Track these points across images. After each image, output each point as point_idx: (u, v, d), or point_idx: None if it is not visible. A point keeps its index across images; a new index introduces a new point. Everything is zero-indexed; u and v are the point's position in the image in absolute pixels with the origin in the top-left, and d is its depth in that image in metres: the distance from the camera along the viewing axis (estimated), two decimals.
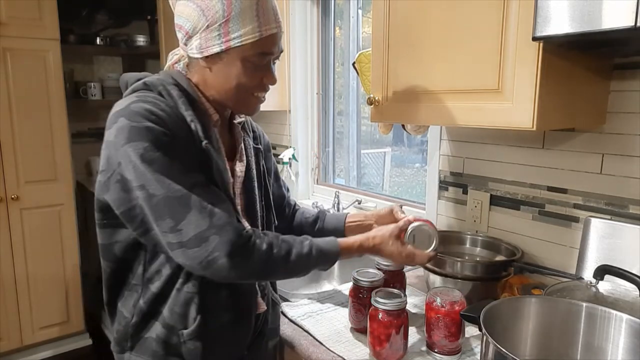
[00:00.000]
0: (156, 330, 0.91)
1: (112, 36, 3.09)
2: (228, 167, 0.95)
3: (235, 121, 1.02)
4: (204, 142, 0.86)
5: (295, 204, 1.26)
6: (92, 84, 2.99)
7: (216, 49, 0.86)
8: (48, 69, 2.43)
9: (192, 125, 0.86)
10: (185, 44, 0.90)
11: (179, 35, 0.90)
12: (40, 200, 2.51)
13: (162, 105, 0.85)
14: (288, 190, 1.26)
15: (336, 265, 1.83)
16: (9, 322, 2.49)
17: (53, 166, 2.52)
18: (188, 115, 0.86)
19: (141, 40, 3.10)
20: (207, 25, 0.85)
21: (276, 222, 1.13)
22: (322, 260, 0.91)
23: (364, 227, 1.17)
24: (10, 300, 2.47)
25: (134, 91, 0.89)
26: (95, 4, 2.94)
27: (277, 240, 0.87)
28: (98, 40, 3.00)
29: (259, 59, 0.88)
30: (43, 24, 2.39)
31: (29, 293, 2.53)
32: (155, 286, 0.90)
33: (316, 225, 1.20)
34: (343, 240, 0.95)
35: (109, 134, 0.83)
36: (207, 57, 0.88)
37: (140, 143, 0.79)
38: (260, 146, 1.09)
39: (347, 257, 0.96)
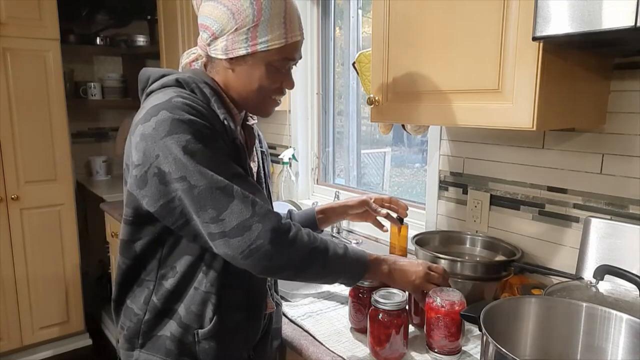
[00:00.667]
0: (171, 328, 0.91)
1: (112, 36, 3.09)
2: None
3: (249, 123, 1.04)
4: (238, 140, 0.89)
5: None
6: (92, 84, 2.99)
7: (242, 52, 0.88)
8: (48, 69, 2.44)
9: (226, 123, 0.88)
10: (209, 45, 0.91)
11: (204, 35, 0.91)
12: (40, 200, 2.51)
13: (200, 102, 0.87)
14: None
15: None
16: (9, 322, 2.49)
17: (53, 166, 2.52)
18: (221, 113, 0.88)
19: (141, 40, 3.10)
20: (236, 29, 0.87)
21: None
22: (354, 264, 0.92)
23: (337, 212, 1.23)
24: (10, 300, 2.48)
25: (163, 86, 0.90)
26: (95, 4, 2.94)
27: (316, 235, 0.89)
28: (98, 40, 3.01)
29: (282, 64, 0.91)
30: (43, 24, 2.39)
31: (29, 293, 2.53)
32: (169, 283, 0.90)
33: None
34: (370, 253, 0.97)
35: (147, 127, 0.82)
36: (231, 58, 0.90)
37: (183, 135, 0.80)
38: (263, 149, 1.11)
39: (375, 267, 0.96)
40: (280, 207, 1.78)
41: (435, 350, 0.99)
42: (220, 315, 0.91)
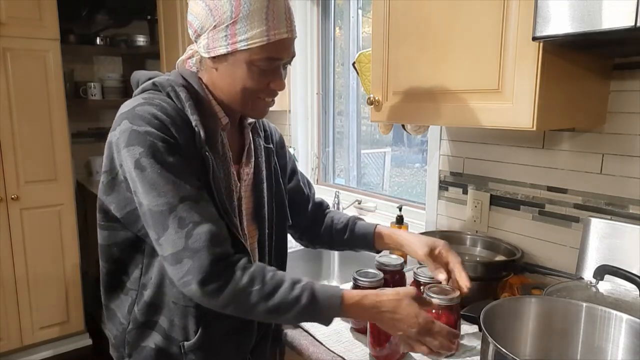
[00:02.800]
0: (155, 339, 0.90)
1: (112, 36, 3.09)
2: (234, 171, 0.94)
3: (247, 121, 1.00)
4: (204, 150, 0.84)
5: (322, 203, 1.20)
6: (92, 84, 2.99)
7: (222, 50, 0.83)
8: (48, 69, 2.43)
9: (197, 130, 0.84)
10: (195, 42, 0.89)
11: (190, 32, 0.89)
12: (40, 200, 2.51)
13: (169, 109, 0.83)
14: (310, 186, 1.20)
15: (336, 265, 1.84)
16: (9, 322, 2.49)
17: (53, 166, 2.52)
18: (194, 119, 0.84)
19: (141, 40, 3.10)
20: (215, 25, 0.82)
21: (290, 220, 1.10)
22: (314, 312, 0.80)
23: (394, 240, 1.09)
24: (10, 300, 2.47)
25: (143, 91, 0.88)
26: (95, 4, 2.94)
27: (264, 276, 0.80)
28: (98, 40, 3.00)
29: (267, 64, 0.84)
30: (43, 24, 2.38)
31: (29, 293, 2.53)
32: (147, 294, 0.89)
33: (345, 234, 1.13)
34: (348, 293, 0.83)
35: (112, 135, 0.83)
36: (214, 57, 0.85)
37: (137, 148, 0.78)
38: (271, 145, 1.06)
39: (353, 314, 0.84)
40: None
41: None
42: (206, 327, 0.89)
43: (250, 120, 1.01)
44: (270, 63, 0.84)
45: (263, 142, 1.04)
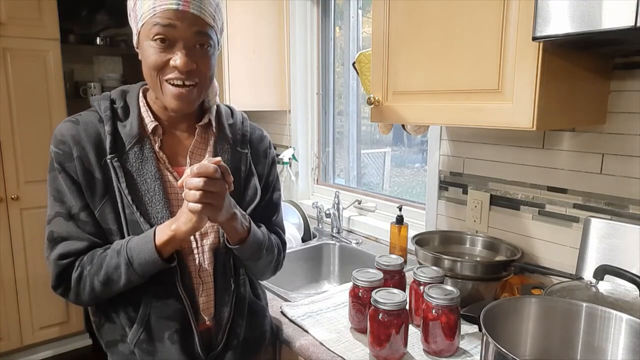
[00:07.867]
0: (117, 331, 0.94)
1: (112, 36, 3.09)
2: (174, 173, 0.93)
3: (201, 123, 0.96)
4: (110, 157, 0.88)
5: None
6: (92, 84, 2.99)
7: (135, 37, 0.88)
8: (48, 69, 2.43)
9: (104, 138, 0.89)
10: None
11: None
12: (40, 200, 2.51)
13: (79, 125, 0.89)
14: (275, 218, 1.08)
15: (336, 265, 1.84)
16: (9, 322, 2.49)
17: None
18: (104, 130, 0.89)
19: None
20: (130, 14, 0.87)
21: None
22: (138, 271, 0.85)
23: None
24: (10, 300, 2.47)
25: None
26: (95, 4, 2.94)
27: (92, 258, 0.89)
28: (98, 40, 3.00)
29: (161, 33, 0.82)
30: (43, 24, 2.38)
31: (29, 293, 2.53)
32: None
33: None
34: (160, 242, 0.85)
35: None
36: (137, 49, 0.89)
37: (49, 164, 0.92)
38: (246, 151, 1.01)
39: (170, 244, 0.85)
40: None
41: (433, 351, 0.99)
42: (146, 324, 0.91)
43: (202, 122, 0.96)
44: (165, 31, 0.82)
45: (230, 146, 0.99)
